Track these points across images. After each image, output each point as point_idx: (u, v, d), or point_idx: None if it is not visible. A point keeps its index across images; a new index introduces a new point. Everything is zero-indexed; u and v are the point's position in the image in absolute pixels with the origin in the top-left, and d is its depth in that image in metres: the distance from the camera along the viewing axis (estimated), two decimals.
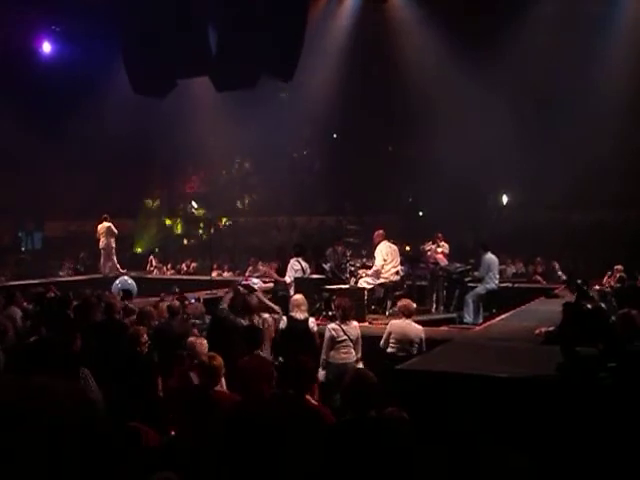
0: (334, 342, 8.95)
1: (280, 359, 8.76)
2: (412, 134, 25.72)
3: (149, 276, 20.63)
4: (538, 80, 21.15)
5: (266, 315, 9.59)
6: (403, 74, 22.97)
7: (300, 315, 9.56)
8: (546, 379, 6.28)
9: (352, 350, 8.97)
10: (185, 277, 20.85)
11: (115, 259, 20.58)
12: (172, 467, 4.21)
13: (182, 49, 16.45)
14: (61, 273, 22.64)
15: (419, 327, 9.34)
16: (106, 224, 20.49)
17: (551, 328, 8.58)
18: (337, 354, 8.93)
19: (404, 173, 25.34)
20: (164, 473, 3.80)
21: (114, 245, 20.46)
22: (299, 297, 9.94)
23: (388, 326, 9.48)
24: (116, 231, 20.50)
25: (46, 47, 24.69)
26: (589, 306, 8.60)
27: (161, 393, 6.96)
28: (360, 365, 8.81)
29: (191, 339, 7.27)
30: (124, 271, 19.95)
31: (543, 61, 20.24)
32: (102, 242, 20.56)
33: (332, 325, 9.18)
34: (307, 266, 13.40)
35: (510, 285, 14.98)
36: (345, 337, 8.95)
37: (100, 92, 23.56)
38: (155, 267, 22.57)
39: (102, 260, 20.66)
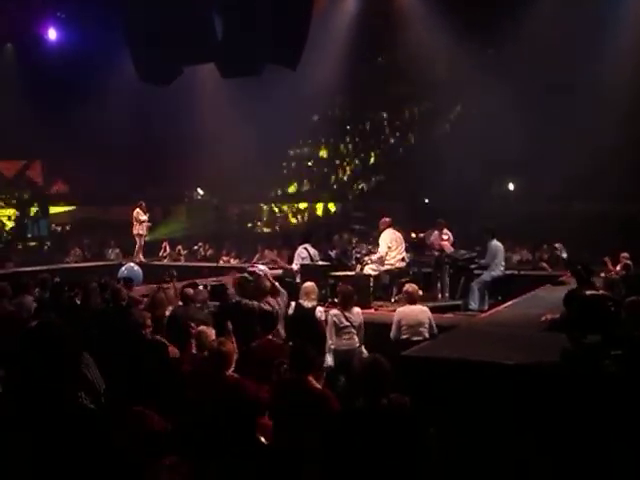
0: (337, 328, 9.00)
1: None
2: (416, 122, 25.74)
3: (157, 262, 20.61)
4: (543, 70, 21.11)
5: (278, 299, 9.64)
6: (408, 62, 22.95)
7: (308, 303, 9.61)
8: (551, 366, 6.29)
9: (355, 336, 9.02)
10: (191, 264, 20.87)
11: (137, 246, 20.43)
12: (178, 452, 4.25)
13: (188, 35, 16.43)
14: (68, 260, 22.69)
15: (424, 308, 9.45)
16: (135, 210, 20.32)
17: (556, 315, 8.58)
18: (340, 340, 8.99)
19: (409, 161, 25.34)
20: (170, 458, 3.83)
21: (137, 232, 20.23)
22: (309, 285, 9.96)
23: (395, 315, 9.51)
24: (142, 217, 20.23)
25: (52, 34, 24.73)
26: (589, 293, 8.59)
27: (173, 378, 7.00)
28: (363, 350, 8.88)
29: (201, 328, 7.31)
30: (137, 259, 19.84)
31: (548, 50, 20.17)
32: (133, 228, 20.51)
33: (334, 311, 9.24)
34: (316, 253, 13.42)
35: (516, 272, 14.95)
36: (347, 323, 9.00)
37: (105, 79, 23.63)
38: (168, 254, 22.55)
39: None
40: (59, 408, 3.06)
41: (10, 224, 26.92)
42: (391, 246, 13.01)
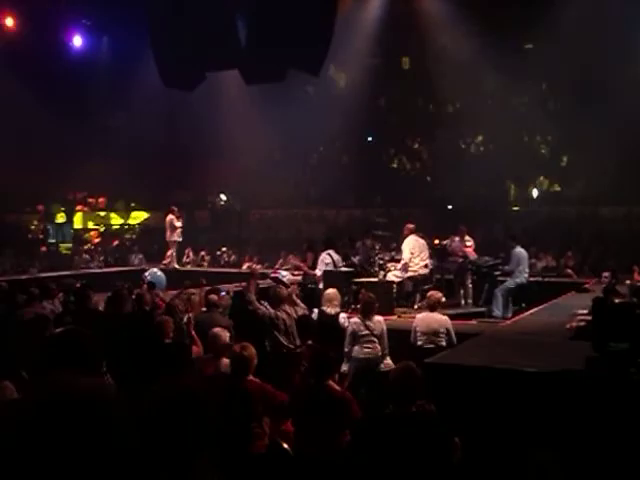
0: (356, 336, 8.94)
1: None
2: (441, 126, 25.65)
3: (179, 267, 20.66)
4: (572, 73, 20.95)
5: (298, 307, 9.62)
6: (433, 66, 22.89)
7: (331, 310, 9.59)
8: (575, 374, 6.24)
9: (377, 345, 8.90)
10: (214, 269, 20.90)
11: (169, 252, 20.48)
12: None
13: (212, 42, 16.52)
14: (92, 265, 22.81)
15: (443, 317, 9.38)
16: (169, 217, 20.39)
17: (582, 323, 8.52)
18: (360, 349, 8.90)
19: (433, 166, 25.27)
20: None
21: (170, 238, 20.29)
22: (332, 292, 9.94)
23: (414, 321, 9.54)
24: (176, 224, 20.27)
25: (77, 41, 24.93)
26: (617, 301, 8.52)
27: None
28: (387, 361, 8.82)
29: (214, 330, 7.32)
30: (170, 266, 19.91)
31: (578, 54, 20.00)
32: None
33: (354, 319, 9.22)
34: (339, 259, 13.38)
35: (540, 279, 14.86)
36: (367, 332, 8.91)
37: (130, 85, 23.76)
38: (191, 260, 22.61)
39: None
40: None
41: (35, 229, 27.09)
42: (414, 252, 12.95)
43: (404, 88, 25.82)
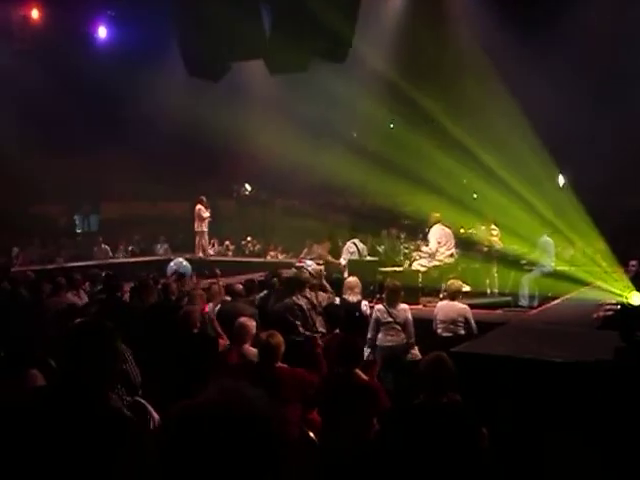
0: (379, 323, 8.97)
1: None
2: (466, 114, 25.49)
3: (203, 257, 20.73)
4: (597, 62, 20.72)
5: (320, 292, 9.63)
6: (458, 56, 22.74)
7: (353, 297, 9.62)
8: (604, 364, 6.20)
9: (401, 333, 8.92)
10: (239, 259, 20.99)
11: (197, 241, 20.51)
12: None
13: (236, 31, 16.51)
14: (116, 255, 22.99)
15: (463, 306, 9.35)
16: (197, 206, 20.44)
17: (609, 312, 8.47)
18: (384, 337, 8.95)
19: (457, 154, 25.13)
20: None
21: (199, 229, 20.37)
22: (352, 280, 9.98)
23: (434, 309, 9.62)
24: (204, 214, 20.34)
25: (102, 32, 25.06)
26: None
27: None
28: (414, 350, 8.84)
29: (241, 319, 7.35)
30: (199, 255, 20.00)
31: (603, 44, 19.78)
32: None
33: (378, 306, 9.24)
34: (364, 248, 13.38)
35: (567, 268, 14.76)
36: (390, 319, 8.93)
37: (154, 76, 23.84)
38: (217, 250, 22.71)
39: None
40: (89, 408, 3.09)
41: (62, 219, 27.36)
42: (440, 242, 12.93)
43: (427, 78, 25.67)
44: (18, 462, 2.83)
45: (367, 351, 8.84)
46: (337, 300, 9.91)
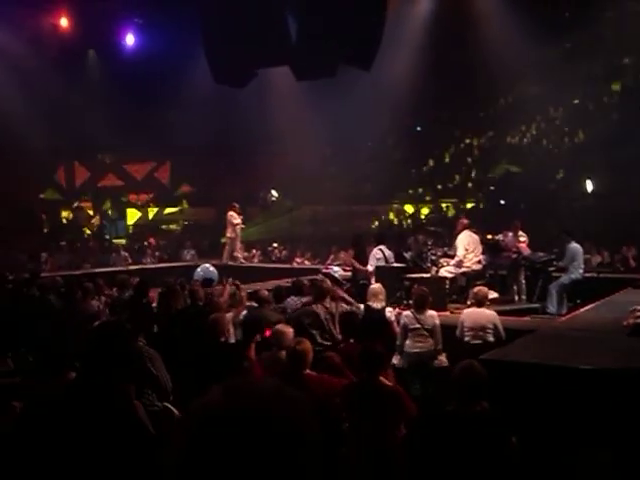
0: (407, 330, 8.98)
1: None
2: (493, 121, 25.41)
3: (231, 263, 20.78)
4: (627, 63, 20.60)
5: (342, 304, 9.57)
6: (484, 61, 22.68)
7: (377, 304, 9.60)
8: (633, 371, 6.14)
9: (429, 339, 8.91)
10: (265, 265, 21.02)
11: (228, 248, 20.45)
12: None
13: (262, 38, 16.59)
14: (144, 260, 23.12)
15: (491, 312, 9.34)
16: (229, 212, 20.33)
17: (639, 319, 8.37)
18: (412, 343, 8.95)
19: (485, 161, 25.06)
20: None
21: (229, 234, 20.28)
22: (377, 287, 9.97)
23: (461, 315, 9.59)
24: (234, 221, 20.21)
25: (129, 39, 25.30)
26: None
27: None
28: (442, 357, 8.81)
29: (278, 326, 7.34)
30: (242, 261, 20.06)
31: (632, 47, 19.66)
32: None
33: (406, 312, 9.27)
34: (391, 254, 13.35)
35: (595, 275, 14.63)
36: (418, 325, 8.93)
37: (181, 82, 24.02)
38: (244, 256, 22.74)
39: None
40: (108, 409, 3.11)
41: (94, 224, 27.66)
42: (468, 248, 12.85)
43: (454, 82, 25.61)
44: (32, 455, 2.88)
45: (397, 358, 8.83)
46: (361, 307, 9.89)
